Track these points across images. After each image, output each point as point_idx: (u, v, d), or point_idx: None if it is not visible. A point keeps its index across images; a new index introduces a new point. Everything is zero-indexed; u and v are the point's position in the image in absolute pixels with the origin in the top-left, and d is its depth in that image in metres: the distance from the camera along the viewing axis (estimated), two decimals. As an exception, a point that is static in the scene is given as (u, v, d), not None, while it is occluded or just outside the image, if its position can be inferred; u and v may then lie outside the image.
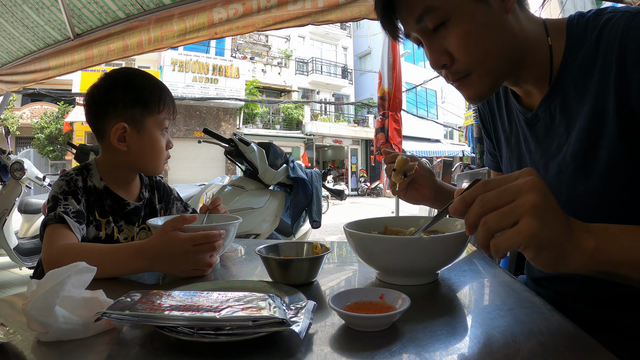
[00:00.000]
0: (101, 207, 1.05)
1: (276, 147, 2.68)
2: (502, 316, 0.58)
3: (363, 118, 23.44)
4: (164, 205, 1.21)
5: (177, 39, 2.39)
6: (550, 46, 0.68)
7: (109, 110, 1.02)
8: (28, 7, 2.48)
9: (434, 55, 0.69)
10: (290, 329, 0.47)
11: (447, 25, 0.65)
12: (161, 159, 1.09)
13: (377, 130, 4.65)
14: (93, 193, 1.04)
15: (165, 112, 1.07)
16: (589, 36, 0.65)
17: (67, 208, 0.94)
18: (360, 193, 20.51)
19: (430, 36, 0.68)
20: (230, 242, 0.94)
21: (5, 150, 3.61)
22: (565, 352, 0.48)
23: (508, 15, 0.66)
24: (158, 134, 1.06)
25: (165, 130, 1.09)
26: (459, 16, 0.64)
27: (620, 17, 0.62)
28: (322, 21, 2.07)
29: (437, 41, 0.67)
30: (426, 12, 0.65)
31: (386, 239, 0.72)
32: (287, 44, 21.43)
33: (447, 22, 0.65)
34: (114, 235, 1.05)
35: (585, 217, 0.62)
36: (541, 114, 0.73)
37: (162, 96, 1.06)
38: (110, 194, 1.07)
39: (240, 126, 18.73)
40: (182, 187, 4.24)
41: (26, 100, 16.15)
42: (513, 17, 0.67)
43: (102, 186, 1.06)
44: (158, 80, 1.09)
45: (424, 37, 0.69)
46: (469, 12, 0.64)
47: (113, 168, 1.08)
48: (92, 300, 0.55)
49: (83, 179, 1.04)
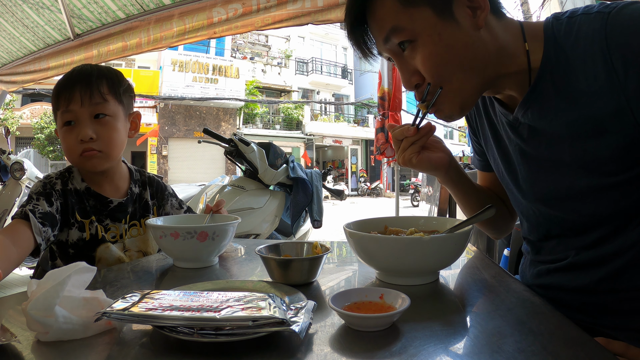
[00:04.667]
0: (82, 208, 1.05)
1: (276, 147, 2.68)
2: (502, 316, 0.58)
3: (363, 118, 23.43)
4: (156, 201, 1.19)
5: (176, 38, 2.39)
6: (527, 51, 0.67)
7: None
8: (28, 7, 2.48)
9: (405, 76, 0.69)
10: (290, 329, 0.47)
11: (414, 46, 0.65)
12: (72, 154, 1.02)
13: (377, 130, 4.65)
14: (73, 195, 1.04)
15: (61, 106, 1.01)
16: (565, 40, 0.64)
17: (36, 208, 0.95)
18: (360, 193, 20.50)
19: (399, 56, 0.68)
20: (228, 242, 0.94)
21: (5, 150, 3.61)
22: (566, 352, 0.48)
23: (481, 33, 0.65)
24: (61, 131, 1.03)
25: (71, 123, 1.01)
26: (426, 36, 0.63)
27: (594, 19, 0.61)
28: (322, 20, 2.06)
29: (407, 61, 0.67)
30: (393, 31, 0.65)
31: (386, 239, 0.72)
32: (287, 44, 21.43)
33: (414, 42, 0.64)
34: (99, 235, 1.04)
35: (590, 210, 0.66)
36: (521, 117, 0.72)
37: (58, 92, 1.02)
38: (92, 193, 1.07)
39: (240, 126, 18.73)
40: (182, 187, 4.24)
41: (26, 100, 16.14)
42: (486, 31, 0.65)
43: (83, 187, 1.06)
44: (72, 72, 1.04)
45: (394, 57, 0.69)
46: (435, 33, 0.63)
47: None
48: (92, 300, 0.55)
49: (63, 182, 1.04)
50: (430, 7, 0.63)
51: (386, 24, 0.65)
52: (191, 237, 0.85)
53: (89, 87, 1.01)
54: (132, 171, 1.17)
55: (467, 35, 0.64)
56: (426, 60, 0.64)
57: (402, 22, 0.64)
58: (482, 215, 0.75)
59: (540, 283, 0.82)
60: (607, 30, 0.59)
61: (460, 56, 0.64)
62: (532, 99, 0.69)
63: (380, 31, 0.67)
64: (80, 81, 1.01)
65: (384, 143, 4.54)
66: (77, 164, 1.06)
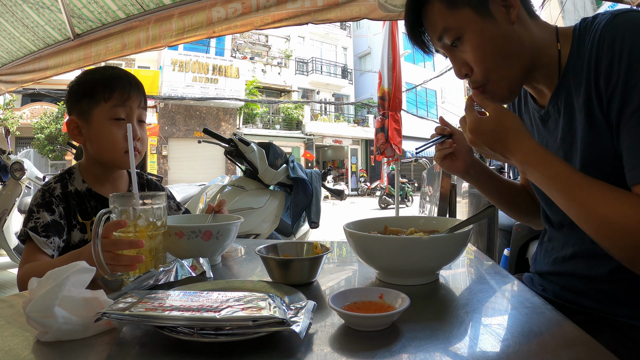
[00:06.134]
0: (84, 209, 1.05)
1: (276, 147, 2.67)
2: (502, 316, 0.58)
3: (363, 118, 23.42)
4: None
5: (175, 37, 2.39)
6: (559, 50, 0.76)
7: (69, 106, 1.07)
8: (28, 7, 2.48)
9: (456, 67, 0.80)
10: (290, 329, 0.47)
11: (462, 41, 0.76)
12: (116, 149, 1.03)
13: (377, 130, 4.65)
14: (74, 197, 1.05)
15: (114, 99, 1.02)
16: (587, 38, 0.71)
17: (37, 222, 0.96)
18: (360, 193, 20.49)
19: (451, 51, 0.80)
20: (231, 242, 0.94)
21: (5, 150, 3.61)
22: (565, 352, 0.48)
23: (514, 26, 0.74)
24: (108, 123, 1.03)
25: (121, 119, 1.03)
26: (470, 33, 0.74)
27: (602, 18, 0.69)
28: (322, 20, 2.06)
29: (458, 55, 0.79)
30: (444, 32, 0.77)
31: (386, 239, 0.72)
32: (287, 44, 21.42)
33: (462, 38, 0.76)
34: None
35: None
36: (551, 110, 0.80)
37: (112, 85, 1.02)
38: (93, 194, 1.07)
39: (240, 126, 18.73)
40: (182, 187, 4.24)
41: (26, 100, 16.14)
42: (521, 26, 0.75)
43: (84, 188, 1.07)
44: (121, 72, 1.07)
45: (447, 52, 0.81)
46: (478, 28, 0.74)
47: (90, 167, 1.09)
48: (92, 301, 0.55)
49: (63, 185, 1.05)
50: (471, 8, 0.74)
51: (437, 26, 0.77)
52: (195, 237, 0.86)
53: (142, 93, 1.08)
54: (130, 173, 1.17)
55: (503, 28, 0.74)
56: (473, 52, 0.75)
57: (450, 23, 0.75)
58: (481, 215, 0.77)
59: (554, 270, 0.86)
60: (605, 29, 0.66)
61: (500, 46, 0.74)
62: (560, 92, 0.76)
63: (434, 32, 0.79)
64: (134, 84, 1.06)
65: (384, 143, 4.53)
66: (118, 160, 1.05)
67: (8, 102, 14.57)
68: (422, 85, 17.48)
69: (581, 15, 7.88)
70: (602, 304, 0.76)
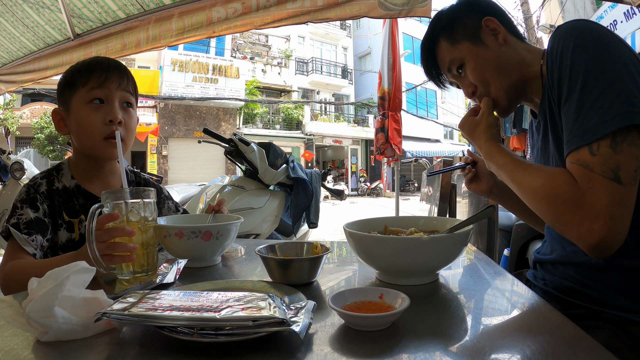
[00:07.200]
0: (71, 207, 1.02)
1: (276, 147, 2.67)
2: (502, 316, 0.58)
3: (363, 118, 23.42)
4: None
5: (175, 37, 2.39)
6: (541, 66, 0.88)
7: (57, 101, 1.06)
8: (28, 7, 2.48)
9: (464, 89, 0.96)
10: (290, 329, 0.47)
11: (465, 67, 0.93)
12: (94, 134, 0.99)
13: (377, 130, 4.64)
14: (61, 194, 1.02)
15: (91, 83, 0.98)
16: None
17: (20, 219, 0.94)
18: (360, 193, 20.49)
19: (459, 78, 0.97)
20: (231, 242, 0.94)
21: (5, 150, 3.61)
22: (565, 352, 0.48)
23: (503, 48, 0.89)
24: (85, 108, 0.99)
25: (98, 101, 0.99)
26: (470, 59, 0.91)
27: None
28: (321, 19, 2.06)
29: (464, 80, 0.96)
30: (451, 63, 0.95)
31: (386, 239, 0.72)
32: (287, 44, 21.41)
33: (464, 65, 0.93)
34: None
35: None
36: (540, 119, 0.89)
37: (90, 70, 0.99)
38: (81, 191, 1.04)
39: (240, 126, 18.73)
40: (182, 187, 4.24)
41: (26, 100, 16.13)
42: (509, 48, 0.90)
43: (73, 185, 1.04)
44: (102, 59, 1.04)
45: (456, 79, 0.98)
46: (475, 55, 0.90)
47: (78, 161, 1.06)
48: (92, 301, 0.55)
49: (49, 182, 1.02)
50: (468, 40, 0.91)
51: (445, 60, 0.95)
52: (195, 237, 0.86)
53: (125, 75, 1.03)
54: (127, 172, 1.15)
55: (495, 51, 0.90)
56: (473, 73, 0.91)
57: (454, 55, 0.93)
58: (481, 215, 0.77)
59: (553, 259, 0.88)
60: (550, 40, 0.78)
61: (494, 64, 0.90)
62: (543, 103, 0.85)
63: (444, 65, 0.97)
64: (114, 67, 1.02)
65: (384, 143, 4.53)
66: (96, 147, 1.00)
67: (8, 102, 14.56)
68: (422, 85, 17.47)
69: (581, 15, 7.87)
70: (602, 294, 0.77)
